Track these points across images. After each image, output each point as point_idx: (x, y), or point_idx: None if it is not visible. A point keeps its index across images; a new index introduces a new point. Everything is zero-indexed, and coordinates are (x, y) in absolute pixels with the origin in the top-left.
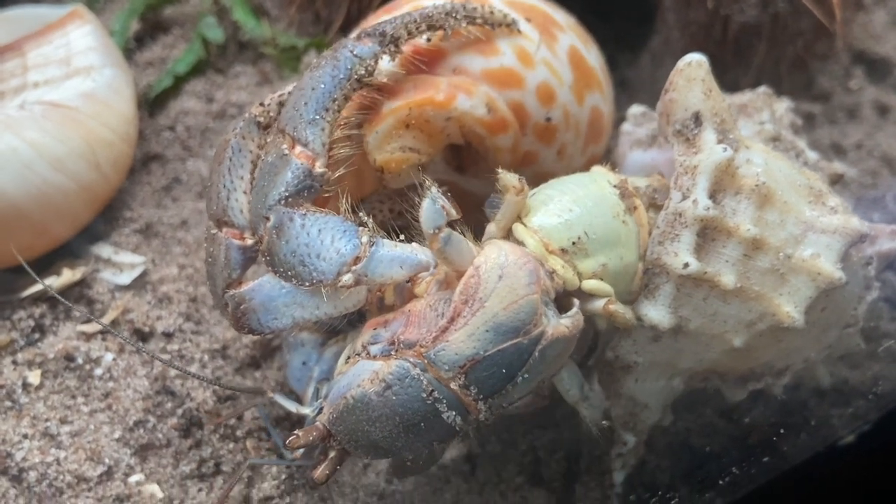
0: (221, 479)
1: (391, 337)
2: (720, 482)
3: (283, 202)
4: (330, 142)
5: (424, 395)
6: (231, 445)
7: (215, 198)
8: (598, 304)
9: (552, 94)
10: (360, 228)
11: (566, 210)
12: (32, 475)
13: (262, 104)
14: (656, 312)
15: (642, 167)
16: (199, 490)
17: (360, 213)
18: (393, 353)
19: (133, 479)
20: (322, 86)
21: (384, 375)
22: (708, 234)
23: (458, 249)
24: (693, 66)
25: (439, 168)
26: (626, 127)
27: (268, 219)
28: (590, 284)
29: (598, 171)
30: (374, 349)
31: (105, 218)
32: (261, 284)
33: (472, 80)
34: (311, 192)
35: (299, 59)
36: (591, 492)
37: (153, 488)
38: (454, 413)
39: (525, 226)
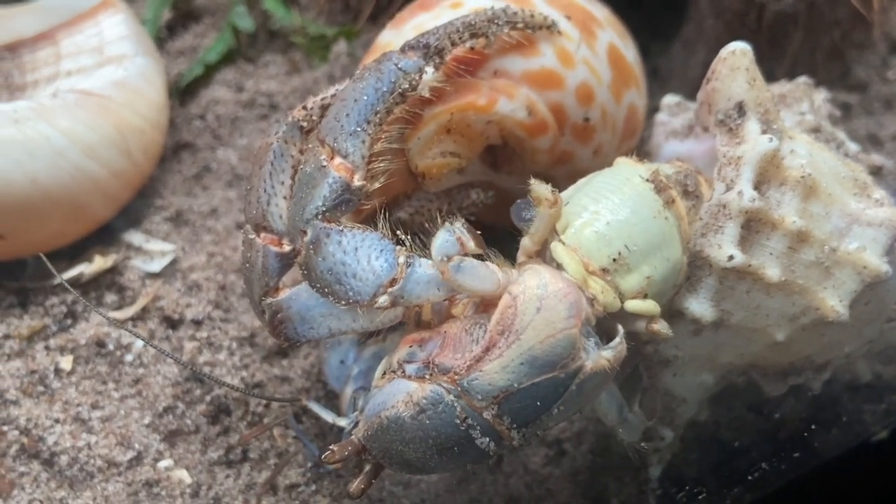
0: (248, 466)
1: (426, 358)
2: (749, 477)
3: (320, 216)
4: (370, 155)
5: (458, 422)
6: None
7: (255, 202)
8: (641, 325)
9: (591, 93)
10: (398, 248)
11: (604, 223)
12: (64, 459)
13: (304, 107)
14: (698, 306)
15: (679, 158)
16: (227, 476)
17: (398, 232)
18: (427, 375)
19: (162, 464)
20: (365, 98)
21: (418, 399)
22: (752, 227)
23: (475, 275)
24: (737, 55)
25: (475, 166)
26: (661, 117)
27: (305, 232)
28: (633, 305)
29: (626, 163)
30: (409, 368)
31: (136, 206)
32: (298, 293)
33: (512, 82)
34: (349, 206)
35: (328, 48)
36: (626, 486)
37: (182, 474)
38: (488, 439)
39: (563, 244)
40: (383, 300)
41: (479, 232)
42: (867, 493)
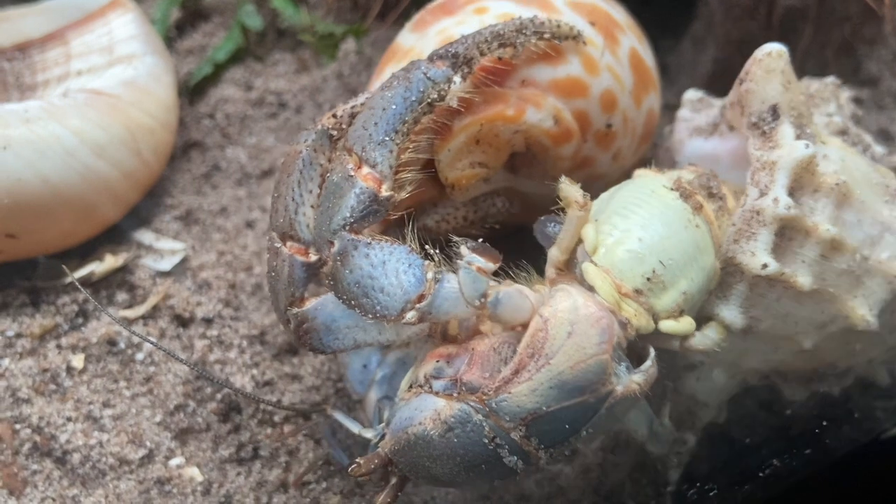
0: (259, 464)
1: (454, 375)
2: (760, 474)
3: (347, 228)
4: (398, 165)
5: (486, 441)
6: (269, 430)
7: (282, 210)
8: (675, 343)
9: (615, 100)
10: (426, 263)
11: (635, 240)
12: (76, 457)
13: (334, 115)
14: (729, 313)
15: (702, 156)
16: (238, 474)
17: (427, 246)
18: (455, 393)
19: (173, 462)
20: (393, 107)
21: (446, 417)
22: (785, 234)
23: (512, 306)
24: (773, 57)
25: (497, 173)
26: (683, 113)
27: (332, 244)
28: (667, 327)
29: (646, 175)
30: (436, 384)
31: (146, 204)
32: (324, 304)
33: (540, 91)
34: (376, 217)
35: (337, 46)
36: (644, 488)
37: (193, 471)
38: (516, 458)
39: (595, 265)
40: (411, 315)
41: (495, 237)
42: (879, 489)
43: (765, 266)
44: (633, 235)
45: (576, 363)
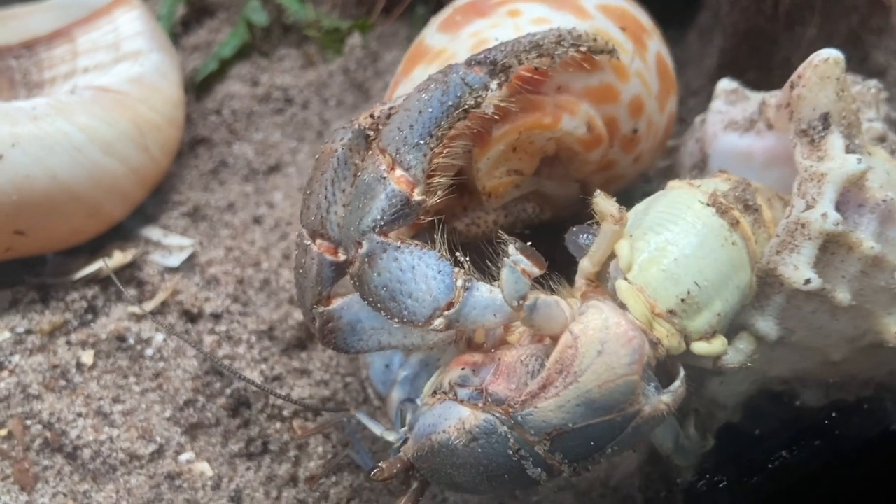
0: (269, 458)
1: (480, 384)
2: (769, 466)
3: (377, 230)
4: (430, 169)
5: (510, 452)
6: (278, 425)
7: (313, 207)
8: (708, 363)
9: (642, 106)
10: (456, 270)
11: (671, 259)
12: (86, 453)
13: (371, 115)
14: (764, 324)
15: (736, 153)
16: (248, 468)
17: (458, 253)
18: (480, 403)
19: (183, 457)
20: (430, 110)
21: (471, 427)
22: (829, 248)
23: (548, 315)
24: (830, 64)
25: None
26: (717, 105)
27: (360, 244)
28: (699, 348)
29: (681, 188)
30: (461, 393)
31: (154, 201)
32: (350, 304)
33: (574, 98)
34: (406, 220)
35: (343, 41)
36: (653, 483)
37: (203, 466)
38: (540, 470)
39: (629, 282)
40: (439, 323)
41: (530, 243)
42: (888, 480)
43: (808, 281)
44: (669, 254)
45: (604, 382)
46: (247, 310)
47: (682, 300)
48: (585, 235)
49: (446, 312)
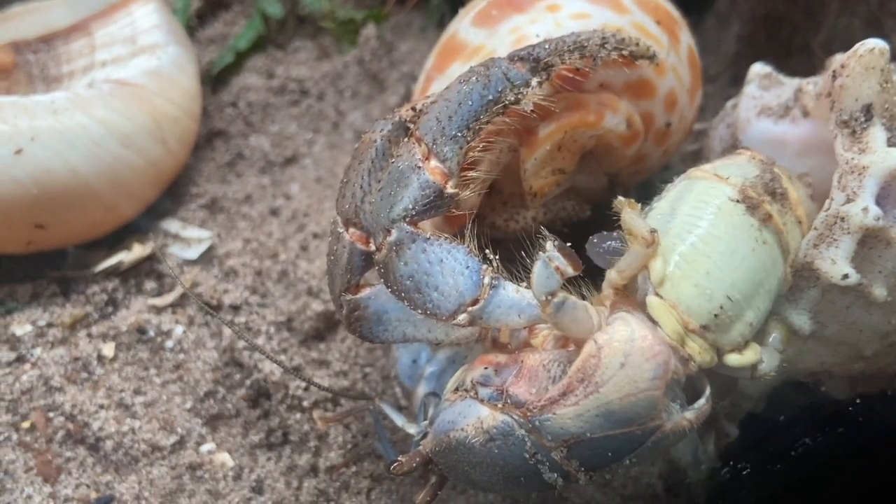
0: (289, 449)
1: (501, 385)
2: (792, 453)
3: (407, 219)
4: (465, 162)
5: (527, 456)
6: (298, 416)
7: (349, 196)
8: (745, 373)
9: (676, 99)
10: (484, 267)
11: (703, 274)
12: (109, 444)
13: (413, 108)
14: (798, 318)
15: (770, 140)
16: (268, 459)
17: (487, 251)
18: (500, 404)
19: (204, 448)
20: (470, 103)
21: (488, 427)
22: (867, 243)
23: (574, 317)
24: (875, 54)
25: None
26: (751, 90)
27: (389, 231)
28: (733, 360)
29: (707, 181)
30: (482, 392)
31: (172, 193)
32: (377, 294)
33: (615, 94)
34: (438, 212)
35: (357, 32)
36: (675, 472)
37: (224, 457)
38: (556, 475)
39: (661, 299)
40: (462, 318)
41: (569, 245)
42: None
43: (846, 276)
44: (700, 268)
45: (625, 395)
46: (265, 301)
47: (716, 315)
48: (609, 244)
49: (470, 308)
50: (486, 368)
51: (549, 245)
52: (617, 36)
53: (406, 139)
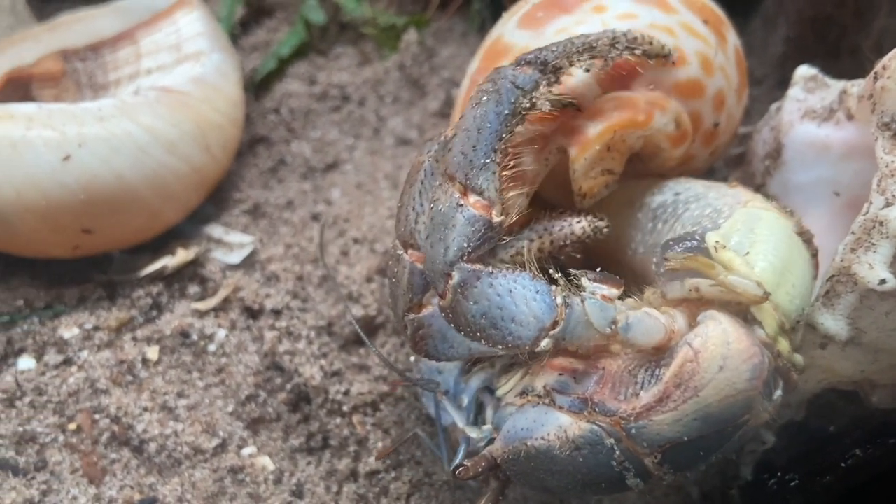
0: (329, 453)
1: (584, 393)
2: (842, 465)
3: (465, 258)
4: (501, 186)
5: (614, 464)
6: (338, 420)
7: (403, 219)
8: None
9: (724, 100)
10: (553, 288)
11: (791, 285)
12: (152, 446)
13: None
14: (834, 323)
15: (813, 144)
16: (308, 463)
17: (551, 270)
18: (585, 412)
19: (246, 451)
20: (488, 125)
21: (574, 436)
22: None
23: (643, 330)
24: None
25: None
26: (795, 92)
27: (450, 276)
28: (797, 360)
29: (769, 210)
30: (560, 399)
31: (215, 199)
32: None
33: (664, 94)
34: (491, 244)
35: (399, 37)
36: (710, 479)
37: (265, 460)
38: (639, 479)
39: (769, 302)
40: (546, 343)
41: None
42: None
43: (883, 282)
44: (790, 282)
45: (724, 398)
46: (306, 306)
47: (798, 321)
48: (688, 244)
49: (552, 332)
50: (561, 375)
51: (585, 281)
52: (628, 35)
53: (439, 180)
